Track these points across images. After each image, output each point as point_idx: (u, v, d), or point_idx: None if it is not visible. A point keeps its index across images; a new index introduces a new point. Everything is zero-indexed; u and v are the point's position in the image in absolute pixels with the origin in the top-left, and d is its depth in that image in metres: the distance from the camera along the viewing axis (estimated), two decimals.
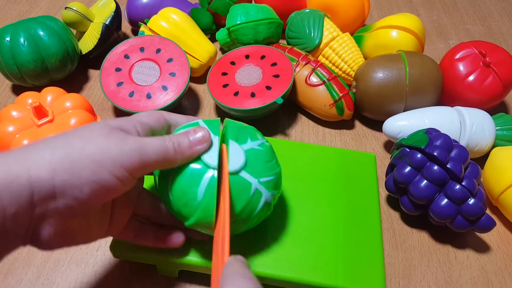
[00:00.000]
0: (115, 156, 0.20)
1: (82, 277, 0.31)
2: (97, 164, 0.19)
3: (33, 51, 0.42)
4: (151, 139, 0.22)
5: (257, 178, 0.25)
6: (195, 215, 0.24)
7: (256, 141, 0.27)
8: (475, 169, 0.33)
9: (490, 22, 0.63)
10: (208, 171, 0.24)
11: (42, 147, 0.19)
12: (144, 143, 0.21)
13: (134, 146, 0.21)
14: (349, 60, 0.47)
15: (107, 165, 0.20)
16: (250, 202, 0.25)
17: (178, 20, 0.47)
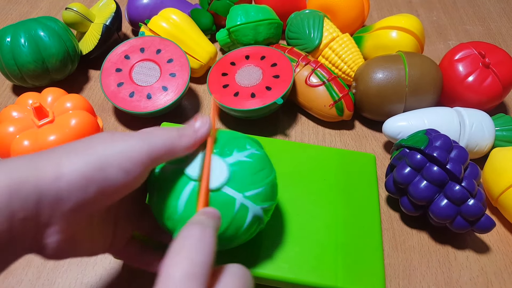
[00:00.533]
0: (121, 150, 0.19)
1: (82, 278, 0.31)
2: (102, 162, 0.19)
3: (33, 51, 0.42)
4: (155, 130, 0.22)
5: (242, 193, 0.24)
6: (177, 228, 0.23)
7: (244, 152, 0.25)
8: (475, 170, 0.33)
9: (489, 22, 0.63)
10: (189, 184, 0.23)
11: (47, 153, 0.19)
12: (149, 134, 0.21)
13: (140, 137, 0.21)
14: (349, 61, 0.47)
15: (113, 161, 0.19)
16: (235, 219, 0.23)
17: (178, 20, 0.47)
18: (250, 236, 0.26)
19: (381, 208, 0.38)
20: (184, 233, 0.18)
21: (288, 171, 0.35)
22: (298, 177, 0.35)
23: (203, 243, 0.17)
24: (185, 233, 0.18)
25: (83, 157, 0.19)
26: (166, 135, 0.22)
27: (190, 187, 0.23)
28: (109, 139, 0.20)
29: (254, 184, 0.24)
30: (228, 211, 0.23)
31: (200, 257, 0.16)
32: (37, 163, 0.18)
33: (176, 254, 0.17)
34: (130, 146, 0.20)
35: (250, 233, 0.25)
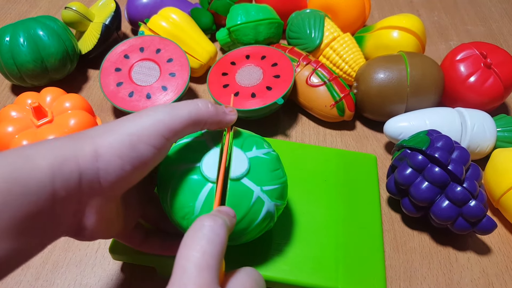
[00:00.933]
0: (148, 125, 0.20)
1: (81, 279, 0.31)
2: (136, 139, 0.20)
3: (32, 51, 0.42)
4: (182, 102, 0.22)
5: (260, 186, 0.24)
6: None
7: (262, 150, 0.26)
8: (476, 171, 0.33)
9: (491, 23, 0.63)
10: (206, 185, 0.23)
11: (83, 134, 0.20)
12: (175, 106, 0.22)
13: (165, 110, 0.21)
14: (350, 61, 0.47)
15: (143, 137, 0.20)
16: (250, 211, 0.24)
17: (178, 20, 0.47)
18: (258, 233, 0.26)
19: (382, 209, 0.38)
20: (196, 224, 0.18)
21: (289, 172, 0.34)
22: (299, 177, 0.34)
23: (214, 234, 0.17)
24: (197, 224, 0.18)
25: (115, 137, 0.19)
26: (192, 106, 0.22)
27: (208, 189, 0.23)
28: (137, 116, 0.21)
29: (271, 180, 0.25)
30: (245, 202, 0.24)
31: (212, 248, 0.17)
32: (76, 144, 0.19)
33: (188, 246, 0.17)
34: (157, 120, 0.20)
35: (260, 230, 0.26)
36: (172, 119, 0.21)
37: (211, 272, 0.16)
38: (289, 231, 0.31)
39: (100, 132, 0.20)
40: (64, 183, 0.18)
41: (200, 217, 0.19)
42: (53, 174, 0.17)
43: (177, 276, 0.16)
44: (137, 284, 0.31)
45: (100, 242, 0.33)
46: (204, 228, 0.18)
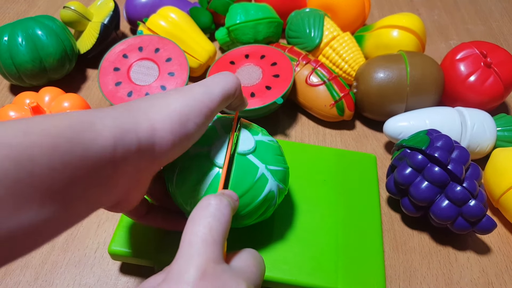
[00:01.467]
0: (193, 105, 0.21)
1: (80, 279, 0.31)
2: (184, 117, 0.21)
3: (31, 50, 0.41)
4: (212, 81, 0.23)
5: (265, 164, 0.25)
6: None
7: (268, 137, 0.27)
8: (476, 170, 0.33)
9: (491, 22, 0.63)
10: (213, 169, 0.24)
11: (136, 106, 0.20)
12: (208, 85, 0.23)
13: (203, 91, 0.22)
14: (350, 60, 0.46)
15: (191, 116, 0.21)
16: (254, 187, 0.24)
17: (177, 19, 0.47)
18: (259, 217, 0.27)
19: (381, 209, 0.37)
20: (203, 202, 0.19)
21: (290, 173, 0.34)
22: (298, 177, 0.34)
23: (220, 213, 0.19)
24: (204, 202, 0.19)
25: (168, 113, 0.20)
26: (223, 83, 0.23)
27: (214, 174, 0.24)
28: (180, 95, 0.22)
29: (276, 162, 0.26)
30: (250, 177, 0.24)
31: (218, 225, 0.18)
32: (135, 117, 0.20)
33: (196, 222, 0.18)
34: (199, 101, 0.22)
35: (261, 212, 0.26)
36: (210, 99, 0.22)
37: (217, 246, 0.17)
38: (289, 230, 0.31)
39: (152, 107, 0.21)
40: (124, 153, 0.18)
41: (207, 196, 0.20)
42: (115, 143, 0.18)
43: (184, 249, 0.17)
44: (136, 284, 0.31)
45: (99, 242, 0.33)
46: (210, 206, 0.19)
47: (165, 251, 0.29)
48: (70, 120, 0.17)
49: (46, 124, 0.16)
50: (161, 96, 0.22)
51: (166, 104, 0.21)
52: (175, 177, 0.25)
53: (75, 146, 0.16)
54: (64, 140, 0.16)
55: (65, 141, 0.16)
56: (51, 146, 0.16)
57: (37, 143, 0.15)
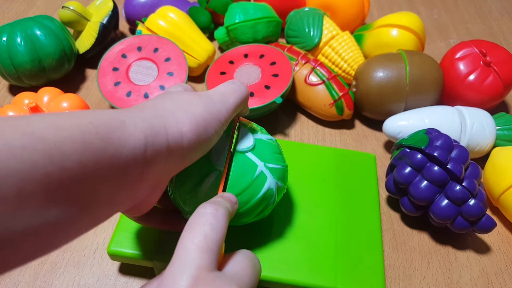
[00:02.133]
0: (212, 113, 0.22)
1: (79, 280, 0.31)
2: (206, 122, 0.21)
3: (30, 51, 0.41)
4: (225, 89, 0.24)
5: (264, 162, 0.25)
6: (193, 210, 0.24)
7: (267, 135, 0.28)
8: (476, 170, 0.33)
9: (490, 21, 0.63)
10: (213, 172, 0.24)
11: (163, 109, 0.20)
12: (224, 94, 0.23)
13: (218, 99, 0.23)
14: (349, 59, 0.46)
15: (212, 122, 0.21)
16: (252, 184, 0.25)
17: (176, 19, 0.47)
18: (258, 215, 0.27)
19: (381, 209, 0.37)
20: (200, 210, 0.19)
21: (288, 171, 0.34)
22: (298, 177, 0.34)
23: (216, 221, 0.19)
24: (201, 210, 0.19)
25: (194, 117, 0.21)
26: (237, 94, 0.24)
27: (214, 176, 0.24)
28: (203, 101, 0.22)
29: (275, 160, 0.26)
30: (249, 174, 0.24)
31: (213, 233, 0.18)
32: (163, 119, 0.20)
33: (192, 229, 0.18)
34: (217, 110, 0.22)
35: (259, 210, 0.26)
36: (225, 107, 0.23)
37: (211, 255, 0.17)
38: (288, 230, 0.31)
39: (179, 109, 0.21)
40: (154, 154, 0.18)
41: (203, 204, 0.20)
42: (146, 144, 0.18)
43: (178, 255, 0.17)
44: (135, 284, 0.31)
45: (99, 243, 0.33)
46: (207, 214, 0.19)
47: (164, 252, 0.29)
48: (103, 115, 0.17)
49: (77, 120, 0.16)
50: (184, 99, 0.22)
51: (192, 109, 0.21)
52: (174, 177, 0.25)
53: (107, 144, 0.16)
54: (96, 137, 0.16)
55: (97, 138, 0.16)
56: (83, 143, 0.15)
57: (69, 138, 0.15)
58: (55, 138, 0.15)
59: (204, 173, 0.24)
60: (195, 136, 0.20)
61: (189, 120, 0.20)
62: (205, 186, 0.24)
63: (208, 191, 0.24)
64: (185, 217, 0.26)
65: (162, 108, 0.21)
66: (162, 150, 0.19)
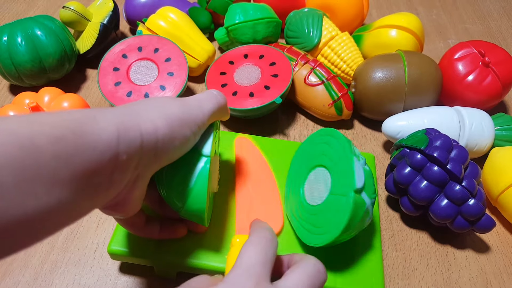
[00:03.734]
0: (190, 113, 0.23)
1: (80, 279, 0.31)
2: (181, 121, 0.22)
3: (30, 50, 0.42)
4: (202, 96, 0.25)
5: (370, 198, 0.27)
6: (187, 202, 0.25)
7: (362, 161, 0.28)
8: (475, 169, 0.33)
9: (489, 21, 0.63)
10: (201, 160, 0.25)
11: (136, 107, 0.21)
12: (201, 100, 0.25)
13: (197, 105, 0.24)
14: (348, 60, 0.46)
15: (188, 122, 0.23)
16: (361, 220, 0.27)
17: (177, 19, 0.47)
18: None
19: (380, 208, 0.38)
20: (260, 233, 0.22)
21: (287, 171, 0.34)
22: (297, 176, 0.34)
23: (272, 245, 0.22)
24: (261, 234, 0.22)
25: (168, 115, 0.22)
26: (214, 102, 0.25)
27: (202, 163, 0.25)
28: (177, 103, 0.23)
29: (374, 193, 0.28)
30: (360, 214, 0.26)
31: (270, 253, 0.21)
32: (136, 114, 0.21)
33: (253, 246, 0.21)
34: (193, 113, 0.23)
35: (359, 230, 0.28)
36: (202, 112, 0.24)
37: (267, 268, 0.20)
38: (286, 229, 0.31)
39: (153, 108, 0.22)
40: (127, 148, 0.19)
41: (262, 227, 0.23)
42: (119, 137, 0.18)
43: (241, 267, 0.20)
44: (135, 284, 0.31)
45: (99, 242, 0.33)
46: (265, 238, 0.22)
47: (164, 251, 0.29)
48: (75, 113, 0.18)
49: (51, 116, 0.17)
50: (159, 100, 0.23)
51: (165, 108, 0.22)
52: (164, 175, 0.25)
53: (80, 138, 0.17)
54: (68, 131, 0.17)
55: (70, 132, 0.17)
56: (56, 136, 0.16)
57: (42, 132, 0.16)
58: (28, 132, 0.15)
59: (192, 163, 0.25)
60: (170, 131, 0.21)
61: (164, 117, 0.21)
62: (194, 176, 0.24)
63: (197, 180, 0.24)
64: (180, 215, 0.26)
65: (135, 107, 0.22)
66: (136, 143, 0.19)
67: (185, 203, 0.25)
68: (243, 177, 0.33)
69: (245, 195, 0.32)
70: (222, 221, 0.31)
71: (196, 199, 0.25)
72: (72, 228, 0.34)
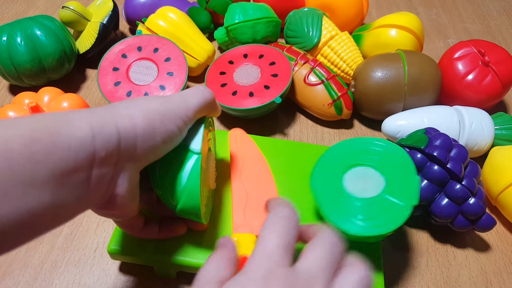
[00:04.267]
0: (172, 108, 0.23)
1: (80, 279, 0.31)
2: (163, 116, 0.22)
3: (30, 50, 0.42)
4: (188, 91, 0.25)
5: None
6: (181, 200, 0.25)
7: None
8: (475, 168, 0.33)
9: (489, 20, 0.63)
10: (192, 157, 0.25)
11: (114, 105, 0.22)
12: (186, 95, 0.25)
13: (181, 99, 0.24)
14: (348, 59, 0.46)
15: (170, 117, 0.22)
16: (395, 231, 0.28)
17: (176, 19, 0.47)
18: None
19: None
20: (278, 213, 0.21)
21: (287, 170, 0.34)
22: (297, 176, 0.34)
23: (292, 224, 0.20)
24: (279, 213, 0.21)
25: (148, 110, 0.22)
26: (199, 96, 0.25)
27: (193, 160, 0.24)
28: (159, 98, 0.23)
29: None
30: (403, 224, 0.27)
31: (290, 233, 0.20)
32: (113, 111, 0.21)
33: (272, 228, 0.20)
34: (176, 107, 0.23)
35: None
36: (186, 107, 0.24)
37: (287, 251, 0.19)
38: None
39: (132, 104, 0.22)
40: (104, 144, 0.19)
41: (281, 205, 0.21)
42: (94, 135, 0.19)
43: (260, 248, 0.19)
44: (136, 283, 0.31)
45: (99, 242, 0.33)
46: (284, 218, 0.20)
47: (164, 251, 0.29)
48: (49, 115, 0.18)
49: (25, 119, 0.17)
50: (141, 98, 0.23)
51: (145, 104, 0.22)
52: (157, 174, 0.25)
53: (54, 138, 0.17)
54: (42, 132, 0.17)
55: (44, 133, 0.17)
56: (31, 138, 0.16)
57: (16, 134, 0.16)
58: (2, 137, 0.16)
59: (183, 160, 0.25)
60: (149, 126, 0.21)
61: (142, 113, 0.21)
62: (186, 173, 0.24)
63: (190, 177, 0.24)
64: (176, 212, 0.26)
65: (115, 105, 0.22)
66: (113, 139, 0.19)
67: (180, 202, 0.25)
68: (238, 173, 0.33)
69: (241, 192, 0.32)
70: (219, 220, 0.31)
71: (190, 197, 0.25)
72: (72, 228, 0.34)
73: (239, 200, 0.32)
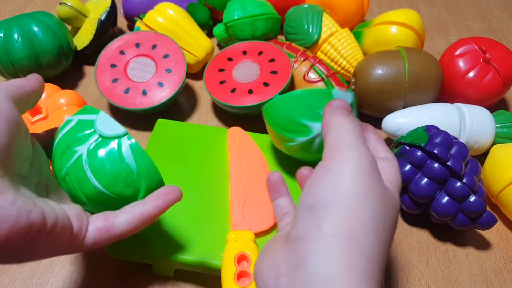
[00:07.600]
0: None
1: (77, 277, 0.31)
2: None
3: (27, 47, 0.41)
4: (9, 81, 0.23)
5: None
6: (142, 186, 0.24)
7: None
8: (475, 166, 0.33)
9: (490, 18, 0.63)
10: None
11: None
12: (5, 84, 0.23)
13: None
14: (348, 56, 0.46)
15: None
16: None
17: (175, 15, 0.47)
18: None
19: None
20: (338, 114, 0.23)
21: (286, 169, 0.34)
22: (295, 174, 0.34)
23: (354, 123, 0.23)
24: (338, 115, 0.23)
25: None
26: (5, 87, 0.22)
27: (127, 144, 0.24)
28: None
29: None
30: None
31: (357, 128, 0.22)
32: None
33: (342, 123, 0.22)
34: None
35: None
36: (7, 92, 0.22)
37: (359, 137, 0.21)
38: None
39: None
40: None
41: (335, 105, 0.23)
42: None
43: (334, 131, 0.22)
44: (133, 281, 0.31)
45: None
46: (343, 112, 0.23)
47: (163, 248, 0.29)
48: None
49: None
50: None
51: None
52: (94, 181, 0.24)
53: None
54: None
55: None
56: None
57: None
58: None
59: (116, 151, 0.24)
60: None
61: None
62: (130, 159, 0.23)
63: (136, 160, 0.24)
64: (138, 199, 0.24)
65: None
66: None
67: (141, 190, 0.24)
68: (237, 170, 0.33)
69: (240, 189, 0.32)
70: (217, 218, 0.31)
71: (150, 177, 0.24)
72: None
73: (237, 197, 0.31)
